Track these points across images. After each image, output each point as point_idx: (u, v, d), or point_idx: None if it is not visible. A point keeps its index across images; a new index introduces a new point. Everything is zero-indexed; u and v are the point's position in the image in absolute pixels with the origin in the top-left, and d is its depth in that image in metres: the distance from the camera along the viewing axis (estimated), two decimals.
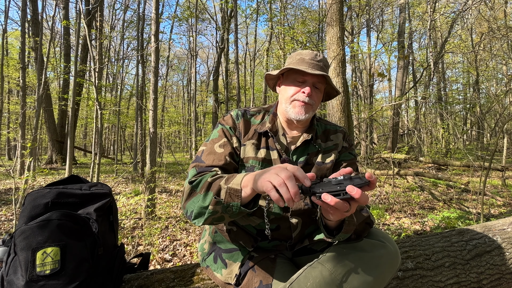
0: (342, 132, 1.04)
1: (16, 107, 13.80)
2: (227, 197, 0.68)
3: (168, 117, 20.47)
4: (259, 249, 0.94)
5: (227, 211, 0.69)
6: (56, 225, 0.81)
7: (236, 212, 0.69)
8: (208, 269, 0.96)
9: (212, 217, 0.73)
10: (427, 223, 3.29)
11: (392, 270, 0.80)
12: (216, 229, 0.99)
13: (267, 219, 0.73)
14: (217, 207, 0.70)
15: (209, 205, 0.71)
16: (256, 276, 0.83)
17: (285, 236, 0.94)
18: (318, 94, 0.96)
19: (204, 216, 0.73)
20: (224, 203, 0.69)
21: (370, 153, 8.67)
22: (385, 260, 0.79)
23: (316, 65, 0.93)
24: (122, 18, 12.69)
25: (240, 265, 0.88)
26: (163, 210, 4.21)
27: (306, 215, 0.96)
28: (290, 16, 11.06)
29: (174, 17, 11.85)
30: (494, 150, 3.41)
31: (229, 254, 0.93)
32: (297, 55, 0.98)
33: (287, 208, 0.93)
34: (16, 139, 7.53)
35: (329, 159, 0.97)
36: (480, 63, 12.86)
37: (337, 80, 2.79)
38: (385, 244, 0.82)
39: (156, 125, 4.11)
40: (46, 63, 6.72)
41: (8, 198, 5.01)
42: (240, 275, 0.86)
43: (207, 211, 0.72)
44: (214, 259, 0.95)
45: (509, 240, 1.32)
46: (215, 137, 0.95)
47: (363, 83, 13.48)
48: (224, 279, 0.89)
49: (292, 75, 0.96)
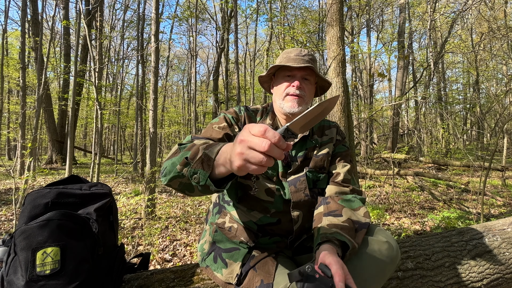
0: (335, 127, 1.10)
1: (16, 107, 13.79)
2: (198, 162, 0.61)
3: (168, 117, 20.46)
4: (259, 246, 0.94)
5: (193, 179, 0.61)
6: (56, 225, 0.81)
7: (203, 182, 0.60)
8: (208, 269, 0.96)
9: (179, 180, 0.66)
10: (427, 223, 3.28)
11: (392, 266, 0.82)
12: (217, 228, 1.00)
13: (255, 179, 0.71)
14: (184, 170, 0.63)
15: (178, 164, 0.65)
16: (257, 275, 0.83)
17: (286, 230, 0.96)
18: (308, 86, 1.02)
19: (170, 175, 0.67)
20: (192, 167, 0.62)
21: (370, 153, 8.67)
22: (385, 257, 0.80)
23: (301, 60, 0.99)
24: (122, 18, 12.70)
25: (241, 265, 0.88)
26: (163, 210, 4.21)
27: (306, 208, 0.97)
28: (290, 16, 11.05)
29: (174, 17, 11.84)
30: (494, 150, 3.41)
31: (229, 253, 0.93)
32: (284, 54, 1.05)
33: (288, 201, 0.95)
34: (16, 139, 7.53)
35: (325, 151, 1.03)
36: (480, 63, 12.86)
37: (337, 80, 2.79)
38: (385, 240, 0.83)
39: (156, 125, 4.11)
40: (46, 63, 6.72)
41: (8, 198, 5.01)
42: (241, 275, 0.86)
43: (174, 170, 0.66)
44: (214, 258, 0.95)
45: (509, 240, 1.32)
46: (215, 121, 0.99)
47: (363, 83, 13.48)
48: (225, 278, 0.89)
49: (281, 73, 1.04)
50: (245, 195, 0.96)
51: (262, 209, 0.95)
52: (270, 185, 0.95)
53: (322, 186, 1.01)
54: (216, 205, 1.09)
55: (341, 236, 0.79)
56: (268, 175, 0.95)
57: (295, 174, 0.97)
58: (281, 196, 0.95)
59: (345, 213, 0.88)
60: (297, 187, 0.96)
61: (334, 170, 1.02)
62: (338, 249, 0.77)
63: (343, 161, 1.03)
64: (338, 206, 0.91)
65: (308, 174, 0.98)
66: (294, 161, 0.98)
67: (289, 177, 0.97)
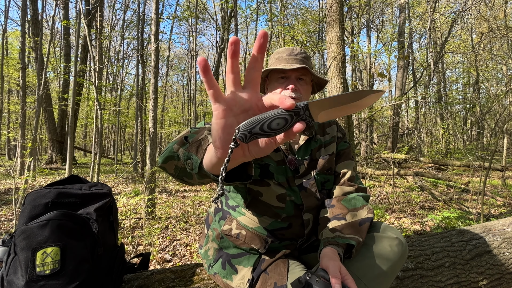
0: (335, 123, 1.08)
1: (16, 107, 13.80)
2: (195, 146, 0.55)
3: (168, 117, 20.46)
4: (269, 250, 0.92)
5: (187, 164, 0.56)
6: (56, 225, 0.81)
7: (195, 170, 0.53)
8: (217, 276, 0.92)
9: (174, 163, 0.61)
10: (427, 223, 3.28)
11: (402, 262, 0.82)
12: (223, 235, 0.95)
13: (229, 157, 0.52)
14: (180, 151, 0.58)
15: (176, 143, 0.61)
16: (269, 278, 0.82)
17: (297, 234, 0.94)
18: (304, 86, 0.98)
19: (165, 154, 0.62)
20: (187, 150, 0.56)
21: (370, 153, 8.67)
22: (396, 253, 0.81)
23: (294, 60, 0.96)
24: (122, 18, 12.70)
25: (252, 269, 0.86)
26: (163, 210, 4.21)
27: (316, 210, 0.96)
28: (290, 16, 11.06)
29: (174, 17, 11.84)
30: (494, 150, 3.41)
31: (238, 259, 0.90)
32: (275, 54, 1.01)
33: (299, 205, 0.93)
34: (16, 139, 7.53)
35: (330, 152, 1.01)
36: (480, 63, 12.86)
37: (337, 80, 2.79)
38: (395, 237, 0.84)
39: (156, 125, 4.11)
40: (46, 63, 6.71)
41: (8, 198, 5.01)
42: (253, 280, 0.84)
43: (170, 149, 0.61)
44: (222, 265, 0.92)
45: (509, 240, 1.32)
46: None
47: (363, 83, 13.48)
48: (236, 285, 0.86)
49: (274, 75, 0.99)
50: (254, 200, 0.93)
51: (272, 215, 0.92)
52: (281, 191, 0.92)
53: (330, 187, 1.01)
54: (218, 210, 1.02)
55: (342, 239, 0.79)
56: (279, 181, 0.92)
57: (304, 177, 0.96)
58: (293, 201, 0.93)
59: (348, 217, 0.88)
60: (308, 192, 0.94)
61: (340, 169, 1.01)
62: (340, 250, 0.77)
63: (347, 158, 1.03)
64: (342, 210, 0.90)
65: (316, 177, 0.97)
66: (301, 165, 0.96)
67: (298, 181, 0.95)
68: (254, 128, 0.37)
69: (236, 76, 0.39)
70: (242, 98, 0.40)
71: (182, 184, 6.58)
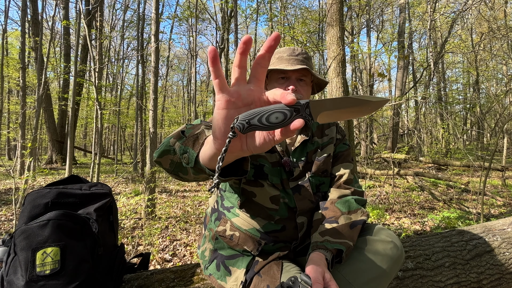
0: (335, 125, 1.05)
1: (16, 107, 13.80)
2: (192, 139, 0.55)
3: (168, 117, 20.48)
4: (262, 252, 0.92)
5: (183, 158, 0.56)
6: (56, 225, 0.81)
7: (191, 164, 0.53)
8: (212, 277, 0.92)
9: (170, 157, 0.61)
10: (427, 223, 3.28)
11: (397, 266, 0.81)
12: (217, 236, 0.95)
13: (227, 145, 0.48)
14: (176, 145, 0.59)
15: (172, 137, 0.61)
16: (262, 281, 0.81)
17: (291, 237, 0.93)
18: (304, 87, 0.96)
19: (162, 148, 0.62)
20: (183, 144, 0.56)
21: (370, 153, 8.67)
22: (390, 257, 0.79)
23: (295, 60, 0.94)
24: (122, 18, 12.70)
25: (245, 271, 0.86)
26: (163, 210, 4.21)
27: (311, 213, 0.95)
28: (290, 16, 11.07)
29: (174, 17, 11.85)
30: (494, 150, 3.40)
31: (232, 260, 0.90)
32: (276, 54, 0.99)
33: (293, 208, 0.92)
34: (16, 139, 7.53)
35: (327, 154, 0.99)
36: (480, 63, 12.86)
37: (337, 80, 2.79)
38: (390, 240, 0.83)
39: (156, 125, 4.11)
40: (46, 63, 6.72)
41: (8, 198, 5.01)
42: (245, 282, 0.84)
43: (166, 143, 0.62)
44: (216, 266, 0.92)
45: (509, 240, 1.32)
46: None
47: (363, 83, 13.48)
48: (230, 287, 0.87)
49: (274, 75, 0.97)
50: (248, 201, 0.92)
51: (266, 216, 0.91)
52: (275, 192, 0.92)
53: (325, 190, 0.99)
54: (214, 210, 1.02)
55: (331, 243, 0.78)
56: (273, 182, 0.92)
57: (298, 180, 0.95)
58: (286, 204, 0.92)
59: (341, 220, 0.87)
60: (302, 194, 0.93)
61: (337, 172, 0.99)
62: (328, 255, 0.77)
63: (345, 161, 1.01)
64: (335, 213, 0.89)
65: (311, 180, 0.95)
66: (296, 167, 0.95)
67: (293, 183, 0.94)
68: (253, 119, 0.38)
69: (242, 70, 0.40)
70: (246, 91, 0.41)
71: (182, 184, 6.58)
